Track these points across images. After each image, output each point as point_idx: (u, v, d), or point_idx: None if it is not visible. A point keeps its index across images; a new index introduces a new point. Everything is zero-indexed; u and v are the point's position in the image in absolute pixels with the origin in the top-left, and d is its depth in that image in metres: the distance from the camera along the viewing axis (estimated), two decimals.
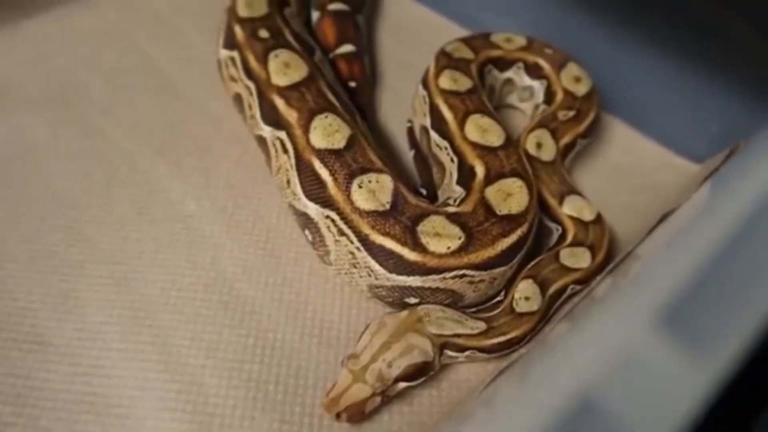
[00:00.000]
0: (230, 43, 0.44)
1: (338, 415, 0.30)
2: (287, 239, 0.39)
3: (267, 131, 0.39)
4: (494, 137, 0.37)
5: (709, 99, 0.41)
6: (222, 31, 0.46)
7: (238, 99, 0.43)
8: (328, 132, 0.36)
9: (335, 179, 0.34)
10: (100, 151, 0.44)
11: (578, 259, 0.36)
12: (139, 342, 0.34)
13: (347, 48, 0.47)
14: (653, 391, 0.10)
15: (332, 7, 0.50)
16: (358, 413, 0.30)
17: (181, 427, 0.31)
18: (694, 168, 0.43)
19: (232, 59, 0.43)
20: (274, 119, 0.38)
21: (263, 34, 0.43)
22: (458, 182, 0.37)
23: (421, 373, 0.31)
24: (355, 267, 0.34)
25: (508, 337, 0.33)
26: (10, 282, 0.36)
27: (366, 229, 0.33)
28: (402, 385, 0.31)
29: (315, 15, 0.51)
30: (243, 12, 0.45)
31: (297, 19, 0.48)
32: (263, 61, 0.41)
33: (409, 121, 0.45)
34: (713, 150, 0.41)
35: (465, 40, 0.45)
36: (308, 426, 0.32)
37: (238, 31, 0.44)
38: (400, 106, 0.47)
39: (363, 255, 0.33)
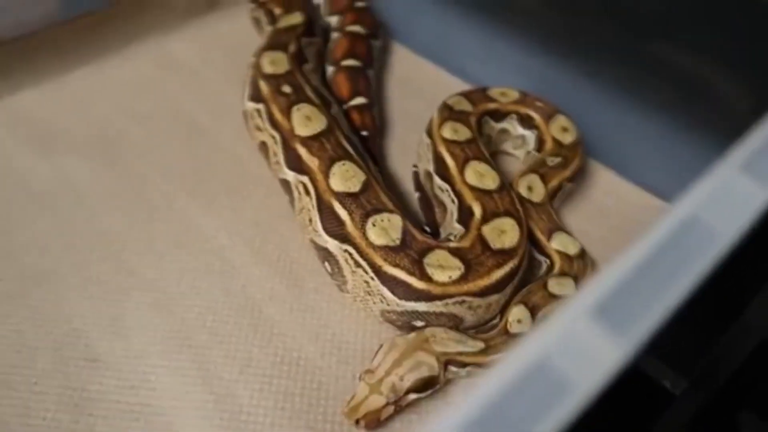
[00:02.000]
0: (256, 96, 0.50)
1: (357, 422, 0.35)
2: (309, 270, 0.44)
3: (291, 175, 0.44)
4: (490, 181, 0.43)
5: (684, 146, 0.47)
6: (247, 85, 0.52)
7: (263, 147, 0.49)
8: (346, 177, 0.41)
9: (352, 218, 0.39)
10: (138, 190, 0.49)
11: (564, 287, 0.41)
12: (180, 360, 0.39)
13: (359, 100, 0.53)
14: (589, 357, 0.16)
15: (345, 63, 0.56)
16: (375, 420, 0.35)
17: None
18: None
19: (258, 111, 0.49)
20: (297, 165, 0.44)
21: (286, 89, 0.49)
22: (458, 221, 0.42)
23: (428, 386, 0.36)
24: (369, 294, 0.39)
25: (504, 354, 0.38)
26: (66, 307, 0.41)
27: (379, 262, 0.38)
28: (412, 396, 0.36)
29: (330, 70, 0.57)
30: (267, 69, 0.51)
31: (314, 75, 0.55)
32: (287, 114, 0.46)
33: (415, 166, 0.51)
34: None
35: (465, 94, 0.51)
36: (330, 430, 0.36)
37: (263, 86, 0.50)
38: (407, 152, 0.53)
39: (376, 284, 0.38)
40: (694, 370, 0.43)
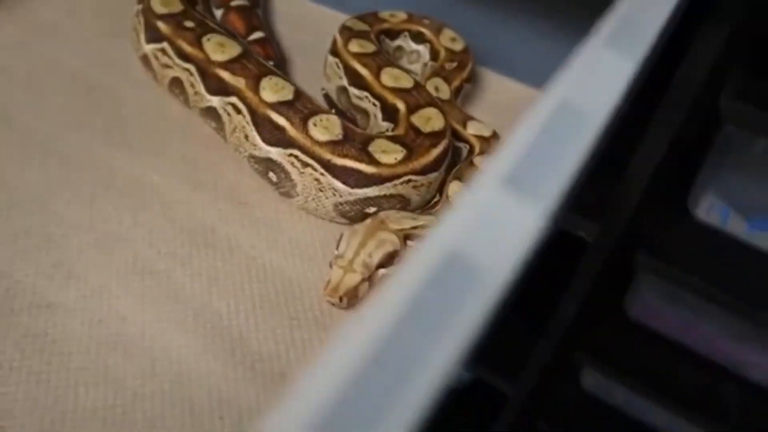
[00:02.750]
0: (155, 37, 0.49)
1: (340, 299, 0.37)
2: (250, 189, 0.45)
3: (216, 100, 0.45)
4: (405, 82, 0.47)
5: (563, 45, 0.54)
6: (141, 30, 0.51)
7: (175, 82, 0.48)
8: (276, 89, 0.43)
9: (292, 123, 0.41)
10: (48, 147, 0.46)
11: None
12: (144, 287, 0.38)
13: (258, 34, 0.55)
14: (501, 236, 0.15)
15: (234, 3, 0.57)
16: (354, 296, 0.37)
17: (206, 342, 0.36)
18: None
19: (162, 50, 0.49)
20: (221, 89, 0.44)
21: (189, 24, 0.49)
22: (384, 119, 0.46)
23: (393, 259, 0.39)
24: (321, 191, 0.41)
25: None
26: (4, 262, 0.38)
27: (327, 155, 0.40)
28: (382, 271, 0.39)
29: (219, 13, 0.57)
30: (160, 10, 0.50)
31: (208, 14, 0.55)
32: (197, 45, 0.47)
33: (323, 88, 0.53)
34: None
35: (359, 17, 0.54)
36: (312, 318, 0.38)
37: (163, 25, 0.49)
38: (309, 80, 0.55)
39: (327, 178, 0.41)
40: (602, 215, 0.51)
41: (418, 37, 0.56)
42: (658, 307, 0.68)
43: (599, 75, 0.23)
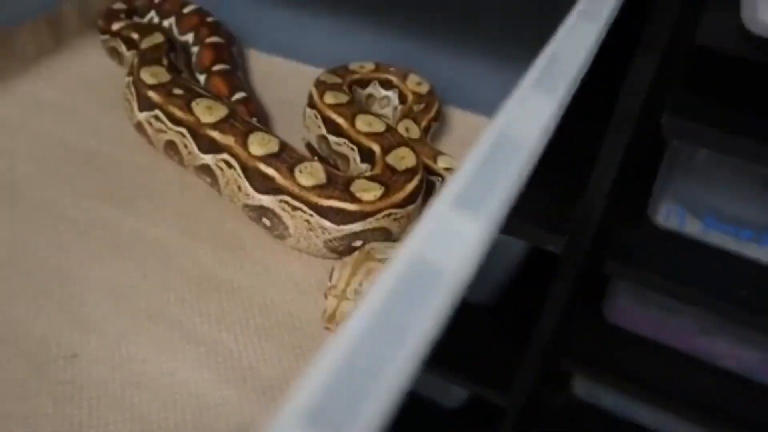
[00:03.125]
0: (147, 106, 0.54)
1: (337, 325, 0.41)
2: (246, 234, 0.49)
3: (208, 158, 0.50)
4: (378, 126, 0.52)
5: (513, 76, 0.60)
6: (134, 100, 0.56)
7: (170, 145, 0.53)
8: (263, 143, 0.48)
9: (280, 172, 0.46)
10: (55, 214, 0.50)
11: None
12: (158, 331, 0.42)
13: (241, 94, 0.60)
14: (454, 247, 0.20)
15: (216, 68, 0.62)
16: None
17: (219, 374, 0.40)
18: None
19: (155, 117, 0.54)
20: (212, 148, 0.49)
21: (177, 91, 0.54)
22: (362, 161, 0.51)
23: None
24: (311, 230, 0.46)
25: None
26: (21, 323, 0.42)
27: (314, 199, 0.45)
28: None
29: (202, 78, 0.63)
30: (150, 80, 0.55)
31: (193, 80, 0.60)
32: (187, 110, 0.51)
33: (304, 138, 0.58)
34: None
35: (331, 71, 0.60)
36: (314, 345, 0.42)
37: (154, 95, 0.54)
38: (290, 132, 0.60)
39: (316, 219, 0.45)
40: (568, 230, 0.56)
41: (386, 84, 0.61)
42: (633, 309, 0.73)
43: (529, 110, 0.28)
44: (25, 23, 0.65)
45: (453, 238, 0.21)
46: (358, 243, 0.46)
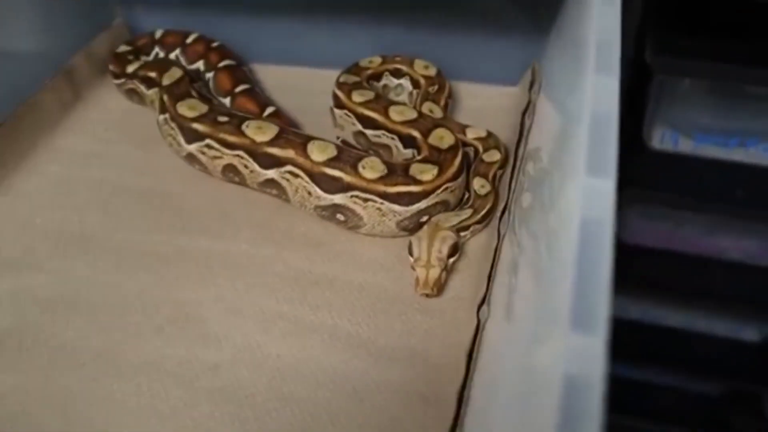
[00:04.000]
0: (195, 138, 0.59)
1: (432, 289, 0.48)
2: (319, 233, 0.55)
3: (272, 172, 0.55)
4: (410, 114, 0.58)
5: (507, 43, 0.67)
6: (177, 135, 0.61)
7: (229, 168, 0.58)
8: (322, 149, 0.54)
9: (346, 171, 0.52)
10: (142, 251, 0.55)
11: (492, 156, 0.58)
12: (281, 329, 0.49)
13: (271, 109, 0.65)
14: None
15: (238, 89, 0.67)
16: (441, 286, 0.49)
17: (344, 350, 0.47)
18: (515, 88, 0.69)
19: (207, 146, 0.58)
20: (274, 163, 0.55)
21: (222, 119, 0.59)
22: (404, 148, 0.57)
23: (456, 249, 0.51)
24: (384, 216, 0.52)
25: (487, 209, 0.54)
26: (161, 349, 0.48)
27: (382, 188, 0.51)
28: (451, 260, 0.50)
29: (226, 101, 0.68)
30: (190, 114, 0.60)
31: (225, 107, 0.65)
32: (239, 133, 0.57)
33: (338, 137, 0.64)
34: (521, 73, 0.67)
35: (347, 72, 0.65)
36: (414, 310, 0.49)
37: (200, 126, 0.59)
38: (320, 134, 0.66)
39: (387, 205, 0.52)
40: None
41: (397, 74, 0.67)
42: (642, 226, 0.82)
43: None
44: (46, 82, 0.68)
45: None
46: (424, 218, 0.53)
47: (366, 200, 0.52)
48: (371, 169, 0.52)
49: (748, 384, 0.84)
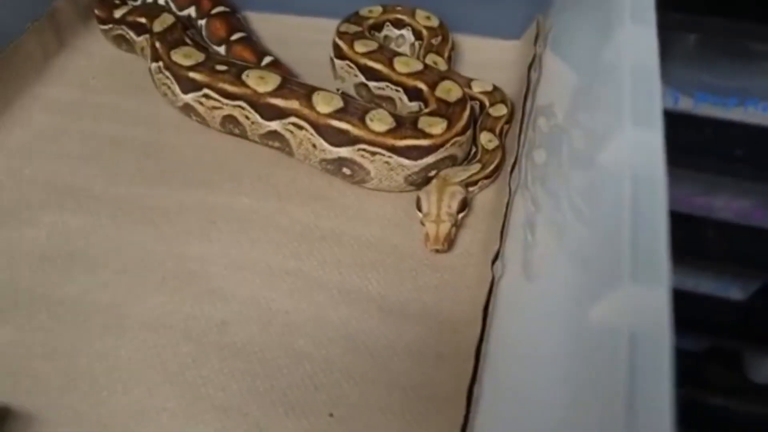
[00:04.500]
0: (192, 87, 0.57)
1: (443, 244, 0.48)
2: (324, 186, 0.54)
3: (275, 124, 0.53)
4: (416, 65, 0.57)
5: None
6: (173, 84, 0.58)
7: (229, 119, 0.56)
8: (327, 101, 0.52)
9: (353, 124, 0.51)
10: (141, 205, 0.53)
11: (499, 109, 0.57)
12: (287, 284, 0.48)
13: (269, 59, 0.63)
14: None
15: (234, 37, 0.65)
16: (451, 240, 0.48)
17: (352, 306, 0.46)
18: (518, 42, 0.67)
19: (205, 96, 0.56)
20: (277, 113, 0.53)
21: (220, 68, 0.56)
22: (410, 100, 0.56)
23: (465, 204, 0.50)
24: (392, 170, 0.51)
25: (496, 163, 0.53)
26: (167, 305, 0.47)
27: (391, 141, 0.50)
28: (461, 215, 0.50)
29: (222, 49, 0.65)
30: (186, 62, 0.57)
31: (222, 55, 0.62)
32: (240, 82, 0.54)
33: (338, 89, 0.62)
34: (525, 28, 0.65)
35: (346, 20, 0.63)
36: (425, 265, 0.49)
37: (197, 75, 0.56)
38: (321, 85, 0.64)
39: (395, 159, 0.51)
40: None
41: (398, 24, 0.65)
42: None
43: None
44: (30, 26, 0.64)
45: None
46: (432, 173, 0.52)
47: (374, 154, 0.51)
48: (379, 121, 0.51)
49: (731, 341, 0.87)
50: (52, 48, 0.67)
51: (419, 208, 0.50)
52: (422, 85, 0.55)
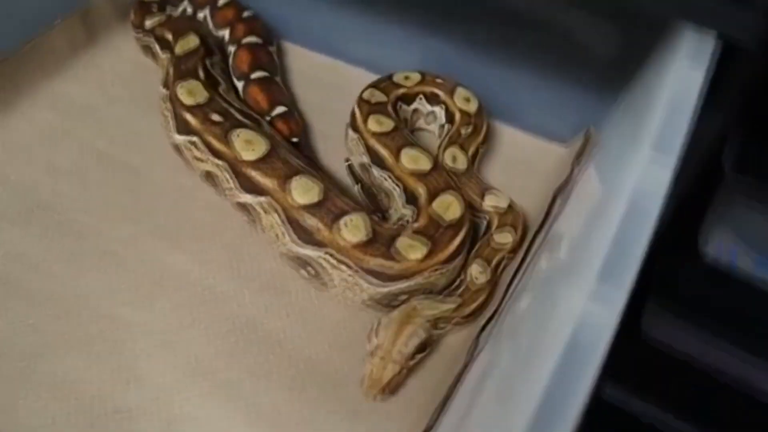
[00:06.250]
0: (185, 129, 0.52)
1: (383, 391, 0.41)
2: (288, 277, 0.49)
3: (249, 198, 0.49)
4: (424, 163, 0.50)
5: (568, 95, 0.56)
6: (170, 119, 0.54)
7: (209, 176, 0.52)
8: (305, 190, 0.46)
9: (324, 224, 0.45)
10: (96, 246, 0.51)
11: (505, 237, 0.49)
12: (206, 386, 0.44)
13: (280, 109, 0.57)
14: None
15: (255, 75, 0.60)
16: (396, 386, 0.42)
17: None
18: (562, 150, 0.58)
19: (193, 143, 0.52)
20: (253, 188, 0.48)
21: (215, 118, 0.52)
22: (406, 203, 0.49)
23: (426, 345, 0.44)
24: (356, 285, 0.45)
25: (477, 303, 0.46)
26: (77, 374, 0.44)
27: (359, 256, 0.44)
28: (417, 356, 0.43)
29: (240, 84, 0.60)
30: (187, 100, 0.53)
31: (232, 95, 0.58)
32: (226, 142, 0.50)
33: (347, 159, 0.56)
34: (574, 133, 0.57)
35: (375, 86, 0.57)
36: (351, 410, 0.43)
37: (191, 119, 0.52)
38: (333, 146, 0.58)
39: (361, 275, 0.45)
40: None
41: (433, 99, 0.58)
42: (673, 333, 0.71)
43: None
44: (59, 22, 0.62)
45: None
46: (402, 297, 0.46)
47: (339, 262, 0.45)
48: (354, 229, 0.45)
49: None
50: (80, 43, 0.65)
51: (371, 337, 0.44)
52: (421, 191, 0.48)
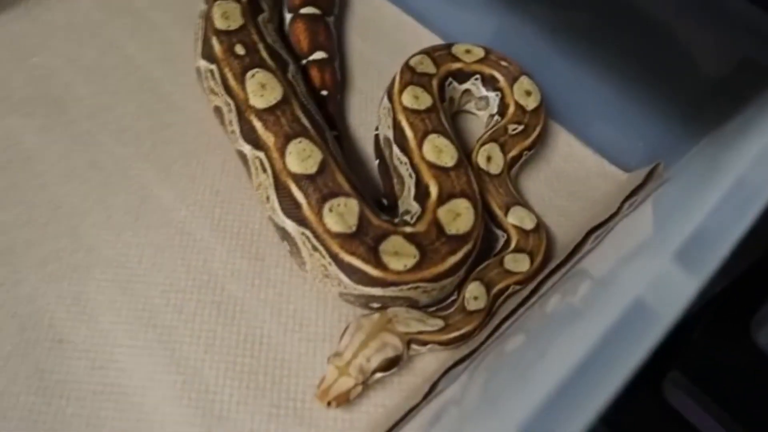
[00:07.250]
0: (208, 55, 0.47)
1: (329, 403, 0.37)
2: (270, 244, 0.45)
3: (247, 149, 0.44)
4: (448, 158, 0.43)
5: (642, 117, 0.47)
6: (199, 40, 0.49)
7: (218, 111, 0.47)
8: (302, 157, 0.41)
9: (309, 202, 0.40)
10: (92, 156, 0.48)
11: (519, 264, 0.42)
12: (146, 339, 0.40)
13: (320, 55, 0.51)
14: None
15: (304, 10, 0.53)
16: (345, 400, 0.37)
17: (188, 411, 0.38)
18: (622, 176, 0.49)
19: (211, 72, 0.47)
20: (253, 139, 0.43)
21: (239, 50, 0.46)
22: (415, 198, 0.43)
23: (393, 364, 0.38)
24: (327, 277, 0.40)
25: (462, 332, 0.40)
26: (26, 286, 0.42)
27: (336, 249, 0.39)
28: (378, 375, 0.38)
29: (288, 17, 0.54)
30: (220, 24, 0.48)
31: (270, 25, 0.52)
32: (241, 80, 0.44)
33: (377, 129, 0.50)
34: (639, 163, 0.47)
35: (428, 53, 0.49)
36: (293, 409, 0.39)
37: (216, 44, 0.47)
38: (369, 110, 0.52)
39: (333, 269, 0.39)
40: None
41: (490, 83, 0.50)
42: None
43: None
44: None
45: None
46: (375, 305, 0.40)
47: (315, 249, 0.40)
48: (339, 216, 0.39)
49: None
50: None
51: (340, 338, 0.39)
52: (434, 189, 0.42)
